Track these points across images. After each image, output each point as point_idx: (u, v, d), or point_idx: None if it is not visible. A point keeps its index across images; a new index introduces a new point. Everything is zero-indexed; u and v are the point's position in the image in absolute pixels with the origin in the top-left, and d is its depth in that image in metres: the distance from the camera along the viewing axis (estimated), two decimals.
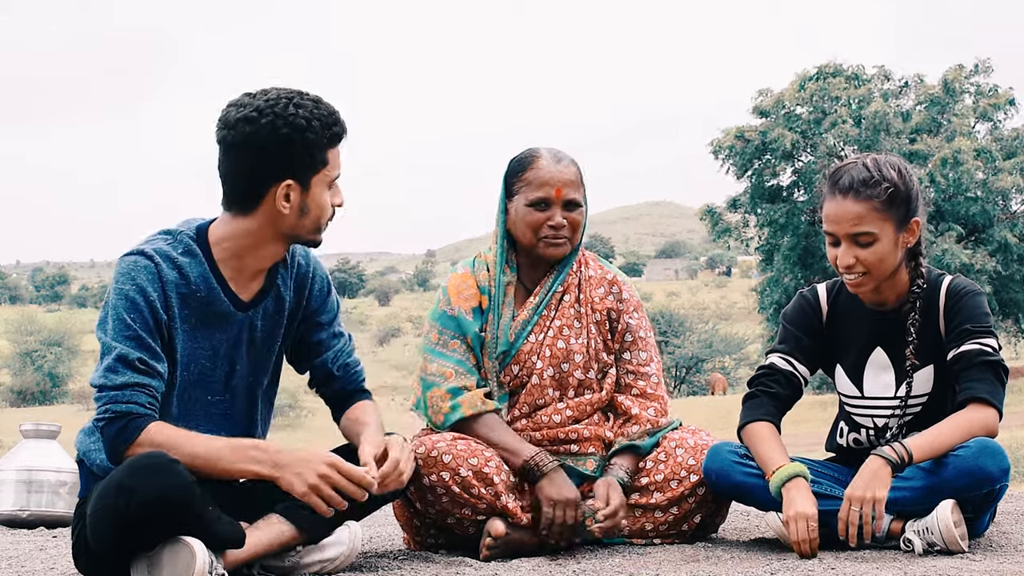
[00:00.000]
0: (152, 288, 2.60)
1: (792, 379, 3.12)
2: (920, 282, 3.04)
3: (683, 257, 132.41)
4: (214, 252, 2.70)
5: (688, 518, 3.13)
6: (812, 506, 2.83)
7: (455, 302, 3.21)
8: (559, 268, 3.26)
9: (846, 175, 2.97)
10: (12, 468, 4.71)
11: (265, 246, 2.71)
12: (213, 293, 2.68)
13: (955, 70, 30.84)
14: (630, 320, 3.26)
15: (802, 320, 3.16)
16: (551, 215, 3.15)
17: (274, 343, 2.82)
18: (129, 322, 2.58)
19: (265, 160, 2.61)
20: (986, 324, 2.98)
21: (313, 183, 2.65)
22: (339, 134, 2.68)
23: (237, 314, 2.73)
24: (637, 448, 3.15)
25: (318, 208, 2.67)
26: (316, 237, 2.73)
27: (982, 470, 2.80)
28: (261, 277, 2.77)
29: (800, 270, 30.13)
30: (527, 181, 3.17)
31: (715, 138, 31.19)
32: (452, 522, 3.05)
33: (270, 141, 2.59)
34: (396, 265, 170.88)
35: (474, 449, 3.03)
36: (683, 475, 3.11)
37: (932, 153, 28.89)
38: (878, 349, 3.09)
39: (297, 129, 2.59)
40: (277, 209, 2.64)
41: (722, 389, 39.28)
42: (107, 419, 2.56)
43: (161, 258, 2.63)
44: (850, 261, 2.95)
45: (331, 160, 2.67)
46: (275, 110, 2.59)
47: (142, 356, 2.57)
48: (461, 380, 3.12)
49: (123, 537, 2.45)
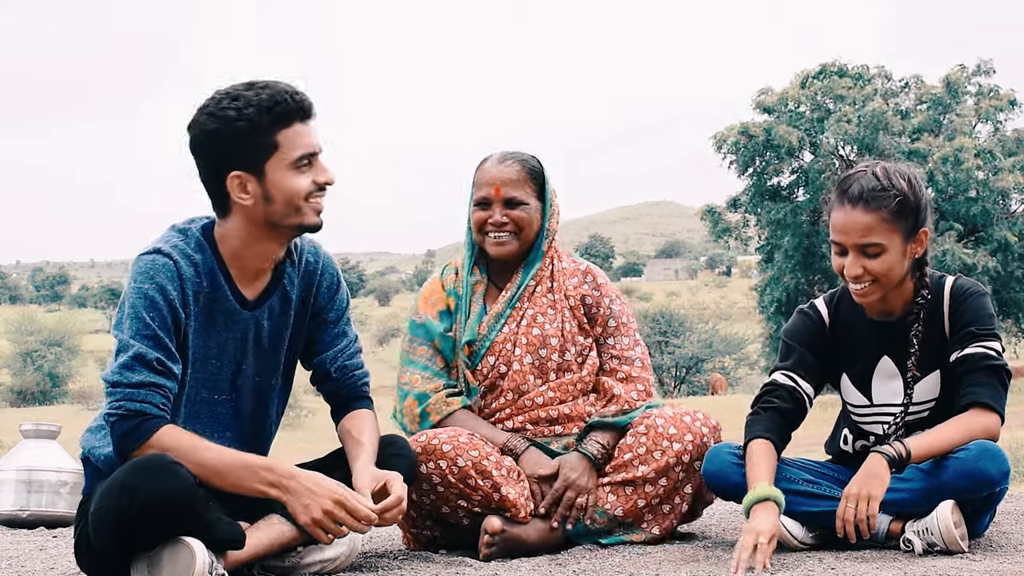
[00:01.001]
0: (172, 287, 2.60)
1: (794, 393, 3.06)
2: (925, 292, 3.01)
3: (683, 257, 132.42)
4: (220, 248, 2.70)
5: (679, 488, 3.15)
6: (768, 524, 2.72)
7: (422, 309, 3.33)
8: (527, 265, 3.33)
9: (855, 184, 2.92)
10: (12, 468, 4.70)
11: (257, 243, 2.69)
12: (220, 291, 2.68)
13: (957, 70, 30.83)
14: (612, 306, 3.34)
15: (804, 336, 3.12)
16: (491, 213, 3.24)
17: (281, 343, 2.81)
18: (148, 321, 2.57)
19: (209, 159, 2.63)
20: (990, 326, 2.97)
21: (268, 169, 2.60)
22: (286, 113, 2.59)
23: (243, 312, 2.72)
24: (610, 424, 3.18)
25: (282, 192, 2.61)
26: (304, 220, 2.66)
27: (982, 472, 2.79)
28: (266, 276, 2.76)
29: (801, 270, 30.14)
30: (474, 182, 3.31)
31: (719, 131, 31.16)
32: (447, 511, 3.07)
33: (206, 139, 2.60)
34: (396, 265, 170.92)
35: (475, 443, 3.06)
36: (665, 445, 3.13)
37: (932, 152, 28.89)
38: (884, 358, 3.06)
39: (226, 121, 2.57)
40: (242, 203, 2.63)
41: (722, 389, 39.26)
42: (120, 415, 2.55)
43: (179, 255, 2.63)
44: (858, 272, 2.91)
45: (284, 142, 2.59)
46: (206, 110, 2.60)
47: (159, 356, 2.57)
48: (427, 384, 3.22)
49: (124, 536, 2.46)
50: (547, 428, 3.21)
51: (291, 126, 2.61)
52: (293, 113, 2.61)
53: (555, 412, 3.22)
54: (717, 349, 45.84)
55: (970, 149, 28.28)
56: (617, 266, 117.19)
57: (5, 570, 3.12)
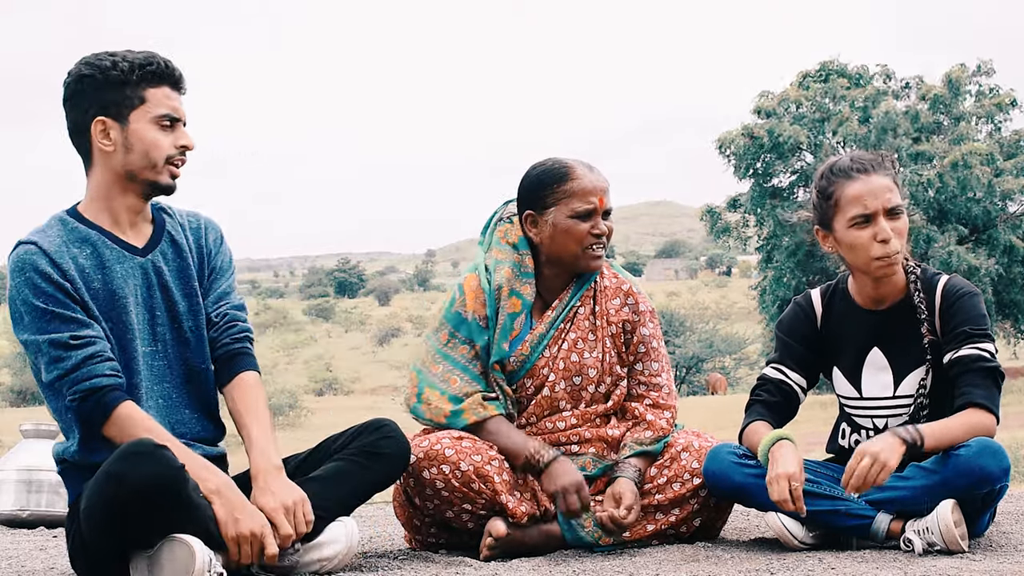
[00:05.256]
0: (44, 262, 2.65)
1: (782, 386, 3.14)
2: (913, 278, 3.05)
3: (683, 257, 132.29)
4: (86, 215, 2.77)
5: (689, 520, 3.13)
6: (794, 465, 2.84)
7: (471, 306, 3.18)
8: (580, 280, 3.22)
9: (854, 161, 3.02)
10: (12, 468, 4.71)
11: (120, 196, 2.77)
12: (99, 244, 2.73)
13: (958, 69, 30.80)
14: (644, 330, 3.24)
15: (795, 327, 3.18)
16: (595, 224, 3.12)
17: (191, 288, 2.84)
18: (42, 307, 2.62)
19: (77, 105, 2.73)
20: (983, 327, 2.98)
21: (132, 119, 2.72)
22: (156, 73, 2.74)
23: (135, 258, 2.77)
24: (649, 453, 3.14)
25: (143, 143, 2.72)
26: (160, 178, 2.76)
27: (983, 470, 2.80)
28: (147, 226, 2.82)
29: (801, 270, 30.12)
30: (569, 192, 3.11)
31: (722, 133, 31.13)
32: (451, 515, 3.05)
33: (76, 84, 2.72)
34: (396, 265, 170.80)
35: (478, 448, 3.03)
36: (686, 477, 3.10)
37: (936, 154, 28.87)
38: (875, 350, 3.09)
39: (99, 69, 2.72)
40: (103, 150, 2.72)
41: (722, 389, 39.26)
42: (78, 400, 2.59)
43: (38, 237, 2.70)
44: (890, 234, 2.95)
45: (151, 99, 2.73)
46: (83, 60, 2.75)
47: (72, 332, 2.61)
48: (465, 387, 3.11)
49: (117, 526, 2.46)
50: (564, 447, 3.15)
51: (159, 87, 2.75)
52: (164, 76, 2.76)
53: (575, 436, 3.17)
54: (717, 349, 45.88)
55: (978, 153, 28.25)
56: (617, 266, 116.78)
57: (5, 570, 3.12)
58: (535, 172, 3.19)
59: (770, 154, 30.61)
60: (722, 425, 20.18)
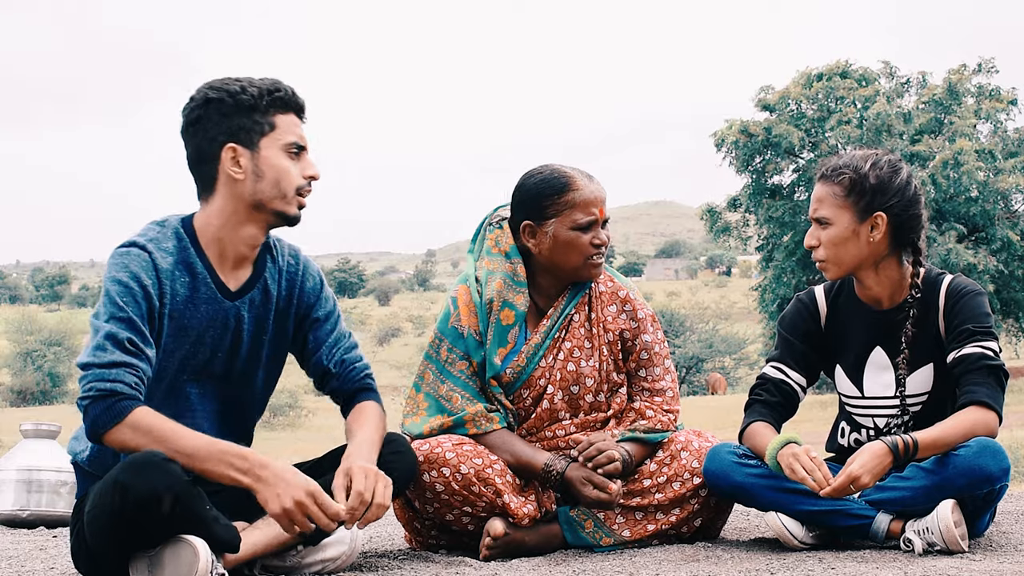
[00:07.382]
0: (147, 275, 2.61)
1: (782, 386, 3.14)
2: (917, 280, 3.03)
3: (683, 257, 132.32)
4: (199, 239, 2.71)
5: (689, 521, 3.13)
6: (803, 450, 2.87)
7: (465, 320, 3.14)
8: (575, 287, 3.20)
9: (827, 164, 3.09)
10: (12, 468, 4.70)
11: (241, 227, 2.71)
12: (200, 279, 2.69)
13: (958, 70, 30.80)
14: (646, 336, 3.21)
15: (797, 324, 3.18)
16: (596, 235, 3.11)
17: (262, 336, 2.80)
18: (121, 304, 2.58)
19: (206, 130, 2.67)
20: (987, 325, 2.98)
21: (262, 145, 2.67)
22: (283, 99, 2.70)
23: (224, 302, 2.72)
24: (641, 440, 3.12)
25: (273, 171, 2.68)
26: (287, 208, 2.70)
27: (982, 470, 2.80)
28: (247, 267, 2.77)
29: (801, 269, 30.11)
30: (570, 203, 3.07)
31: (719, 129, 31.10)
32: (451, 518, 3.05)
33: (205, 110, 2.67)
34: (396, 265, 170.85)
35: (479, 451, 3.02)
36: (686, 477, 3.10)
37: (934, 154, 28.86)
38: (877, 349, 3.09)
39: (229, 93, 2.66)
40: (232, 177, 2.67)
41: (722, 389, 39.25)
42: (92, 397, 2.52)
43: (154, 247, 2.65)
44: (812, 242, 3.07)
45: (280, 125, 2.69)
46: (209, 84, 2.70)
47: (132, 337, 2.56)
48: (467, 405, 3.09)
49: (120, 535, 2.45)
50: (563, 452, 3.13)
51: (287, 114, 2.72)
52: (290, 103, 2.73)
53: (575, 443, 3.14)
54: (717, 349, 45.89)
55: (970, 151, 28.24)
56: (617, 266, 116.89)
57: (5, 570, 3.12)
58: (532, 181, 3.14)
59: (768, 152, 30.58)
60: (722, 425, 20.19)
